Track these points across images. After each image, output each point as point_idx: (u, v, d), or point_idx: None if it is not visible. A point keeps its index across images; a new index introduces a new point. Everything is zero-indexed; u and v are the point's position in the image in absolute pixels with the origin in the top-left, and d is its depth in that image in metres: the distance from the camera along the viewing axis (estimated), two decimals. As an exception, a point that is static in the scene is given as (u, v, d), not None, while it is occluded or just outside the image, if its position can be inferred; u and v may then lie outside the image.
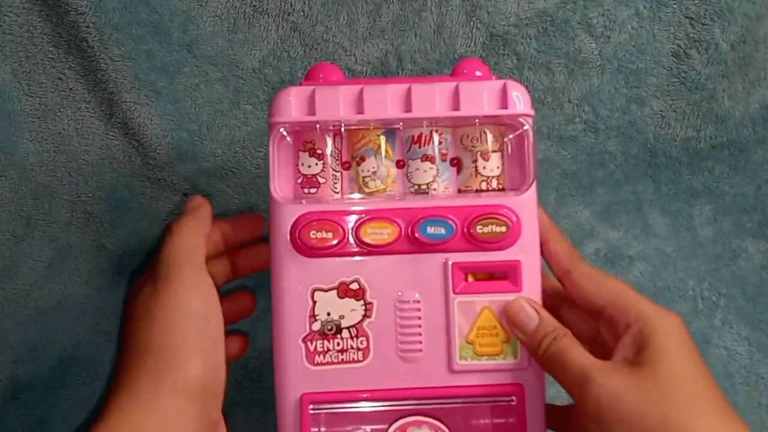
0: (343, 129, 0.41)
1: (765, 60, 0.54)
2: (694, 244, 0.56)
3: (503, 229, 0.39)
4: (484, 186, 0.41)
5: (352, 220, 0.39)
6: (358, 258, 0.39)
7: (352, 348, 0.39)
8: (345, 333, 0.39)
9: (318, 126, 0.40)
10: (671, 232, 0.56)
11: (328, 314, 0.39)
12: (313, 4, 0.50)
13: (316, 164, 0.41)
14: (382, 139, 0.41)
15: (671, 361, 0.34)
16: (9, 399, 0.51)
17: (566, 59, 0.53)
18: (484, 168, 0.41)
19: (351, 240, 0.39)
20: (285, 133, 0.40)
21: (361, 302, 0.39)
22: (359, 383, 0.39)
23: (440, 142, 0.41)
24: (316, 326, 0.39)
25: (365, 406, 0.39)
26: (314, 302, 0.39)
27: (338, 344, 0.39)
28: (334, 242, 0.38)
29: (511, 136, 0.41)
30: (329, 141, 0.41)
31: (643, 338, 0.34)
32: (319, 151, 0.41)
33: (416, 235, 0.38)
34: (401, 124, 0.40)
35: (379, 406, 0.39)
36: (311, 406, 0.38)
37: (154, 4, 0.49)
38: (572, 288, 0.39)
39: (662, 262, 0.56)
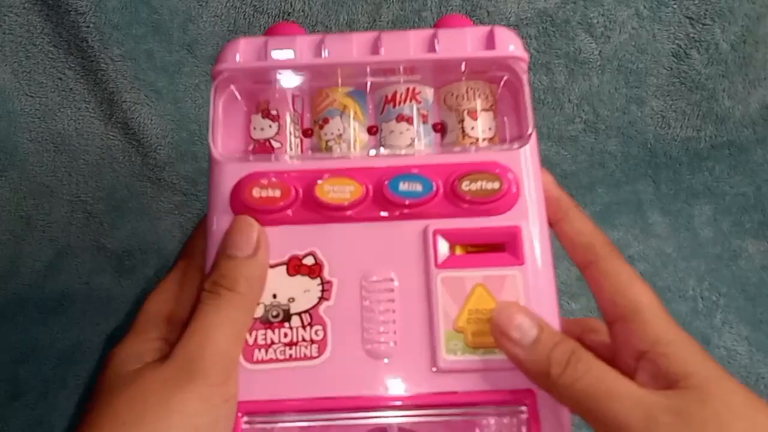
0: (301, 82, 0.34)
1: (765, 60, 0.54)
2: (694, 244, 0.56)
3: (495, 185, 0.31)
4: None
5: (307, 177, 0.31)
6: (313, 226, 0.31)
7: (303, 340, 0.30)
8: (295, 320, 0.30)
9: (275, 83, 0.33)
10: (671, 232, 0.56)
11: (274, 296, 0.31)
12: (313, 4, 0.50)
13: (270, 126, 0.33)
14: (350, 99, 0.34)
15: (708, 391, 0.26)
16: (9, 399, 0.51)
17: (566, 59, 0.53)
18: (472, 129, 0.34)
19: (304, 202, 0.31)
20: (235, 92, 0.33)
21: (317, 281, 0.31)
22: (312, 387, 0.30)
23: (419, 102, 0.34)
24: (258, 311, 0.30)
25: (319, 419, 0.30)
26: None
27: (286, 335, 0.30)
28: (282, 204, 0.31)
29: (502, 83, 0.34)
30: (289, 102, 0.34)
31: (663, 375, 0.27)
32: (274, 113, 0.34)
33: (386, 193, 0.31)
34: (369, 81, 0.33)
35: (338, 418, 0.30)
36: (245, 419, 0.29)
37: (154, 4, 0.49)
38: (590, 283, 0.31)
39: (662, 262, 0.56)
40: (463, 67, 0.34)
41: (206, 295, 0.29)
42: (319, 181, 0.31)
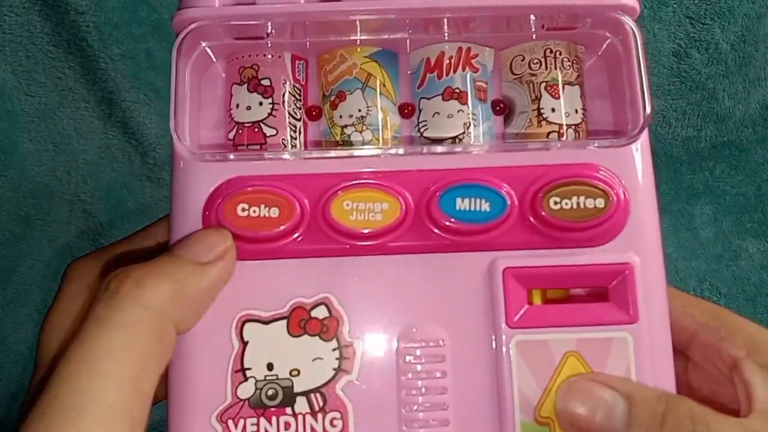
0: (305, 39, 0.23)
1: (765, 60, 0.54)
2: (694, 244, 0.56)
3: (599, 204, 0.21)
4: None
5: (317, 187, 0.22)
6: (327, 259, 0.22)
7: None
8: (301, 404, 0.21)
9: (267, 39, 0.23)
10: (672, 232, 0.56)
11: (270, 368, 0.22)
12: (313, 3, 0.50)
13: (261, 104, 0.24)
14: (376, 64, 0.24)
15: None
16: (9, 400, 0.51)
17: (566, 59, 0.53)
18: (552, 111, 0.24)
19: (312, 224, 0.22)
20: (209, 52, 0.24)
21: (333, 344, 0.22)
22: None
23: (475, 69, 0.24)
24: (246, 391, 0.22)
25: None
26: (244, 344, 0.22)
27: (288, 426, 0.21)
28: (283, 227, 0.21)
29: (604, 48, 0.24)
30: (287, 67, 0.24)
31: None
32: (266, 83, 0.24)
33: (434, 214, 0.21)
34: (408, 36, 0.23)
35: None
36: None
37: (153, 3, 0.49)
38: None
39: (662, 263, 0.56)
40: (535, 20, 0.22)
41: (96, 304, 0.18)
42: (337, 195, 0.21)
